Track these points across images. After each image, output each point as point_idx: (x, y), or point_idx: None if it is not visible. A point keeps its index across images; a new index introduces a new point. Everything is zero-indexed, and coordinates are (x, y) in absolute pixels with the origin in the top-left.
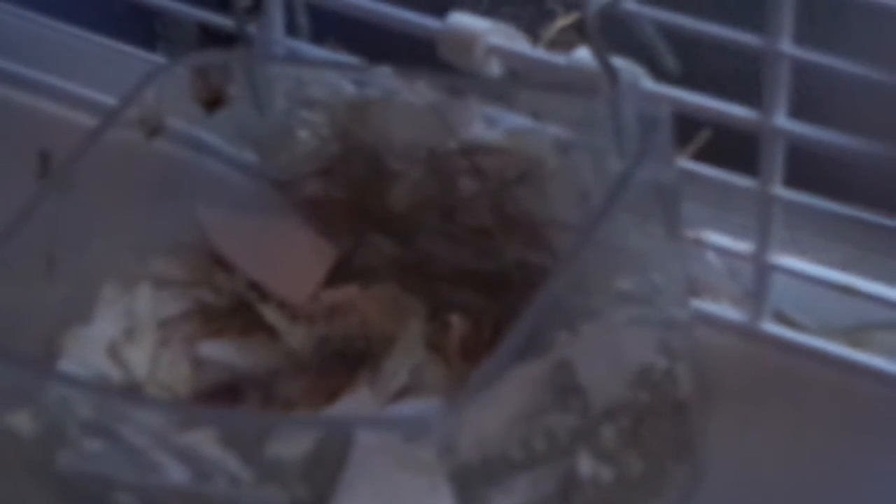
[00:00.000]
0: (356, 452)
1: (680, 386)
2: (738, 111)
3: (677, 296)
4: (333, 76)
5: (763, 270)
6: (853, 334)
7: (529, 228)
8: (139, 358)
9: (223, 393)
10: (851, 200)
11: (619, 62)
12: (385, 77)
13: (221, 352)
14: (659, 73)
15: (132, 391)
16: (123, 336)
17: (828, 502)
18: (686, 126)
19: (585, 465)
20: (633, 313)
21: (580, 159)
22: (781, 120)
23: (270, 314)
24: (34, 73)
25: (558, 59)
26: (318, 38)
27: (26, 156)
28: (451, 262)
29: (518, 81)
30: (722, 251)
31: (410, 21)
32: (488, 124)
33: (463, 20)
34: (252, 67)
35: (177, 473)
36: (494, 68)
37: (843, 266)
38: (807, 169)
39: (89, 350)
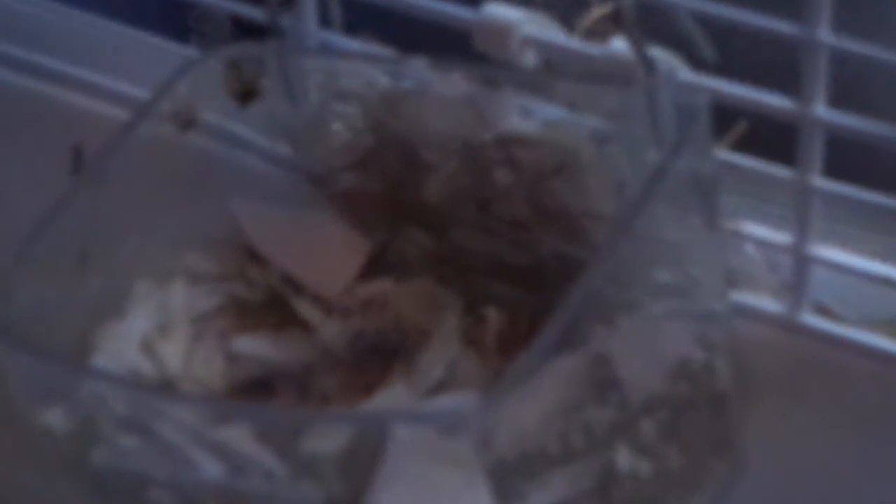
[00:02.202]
0: (392, 447)
1: (718, 379)
2: (776, 101)
3: (716, 288)
4: (367, 68)
5: (802, 262)
6: (893, 325)
7: (566, 220)
8: (173, 353)
9: (257, 388)
10: (891, 191)
11: (656, 52)
12: (419, 69)
13: (255, 346)
14: (696, 63)
15: (166, 387)
16: (157, 331)
17: (869, 496)
18: (724, 116)
19: (624, 459)
20: (671, 306)
21: (617, 150)
22: (820, 109)
23: (305, 308)
24: (66, 66)
25: (594, 49)
26: (351, 29)
27: (59, 151)
28: (487, 255)
29: (553, 72)
30: (761, 242)
31: (444, 12)
32: (524, 115)
33: (497, 10)
34: (285, 60)
35: (211, 469)
36: (529, 59)
37: (884, 257)
38: (846, 159)
39: (123, 346)
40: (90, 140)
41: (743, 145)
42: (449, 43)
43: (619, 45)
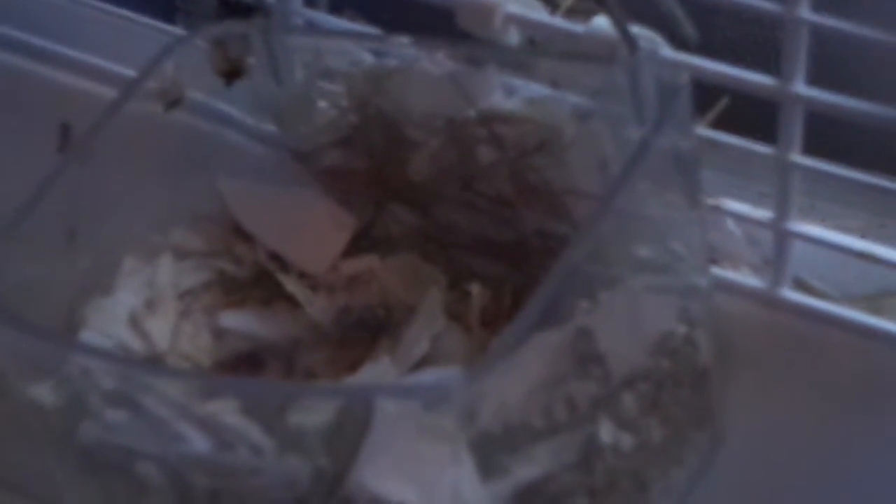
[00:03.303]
0: (377, 421)
1: (700, 353)
2: (756, 78)
3: (697, 263)
4: (352, 46)
5: (782, 238)
6: (873, 301)
7: (548, 197)
8: (160, 329)
9: (244, 363)
10: (871, 167)
11: (638, 30)
12: (403, 47)
13: (242, 322)
14: (677, 41)
15: (154, 362)
16: (145, 307)
17: (848, 467)
18: (704, 94)
19: (606, 432)
20: (653, 281)
21: (599, 128)
22: (800, 87)
23: (291, 284)
24: (54, 45)
25: (577, 27)
26: (336, 8)
27: (47, 129)
28: (471, 232)
29: (536, 50)
30: (741, 219)
31: None
32: (507, 93)
33: None
34: (270, 38)
35: (199, 443)
36: (513, 37)
37: (863, 233)
38: (825, 136)
39: (111, 321)
40: (78, 118)
41: (724, 122)
42: (432, 21)
43: (602, 23)
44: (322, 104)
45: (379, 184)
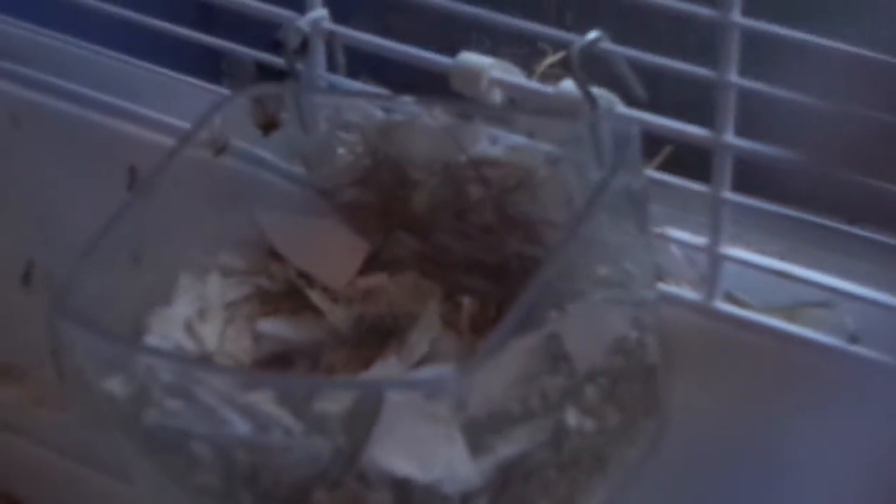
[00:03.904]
0: (386, 408)
1: (648, 354)
2: (694, 130)
3: (646, 280)
4: (365, 104)
5: (715, 259)
6: (789, 311)
7: (525, 226)
8: (210, 333)
9: (278, 361)
10: (787, 202)
11: (598, 91)
12: (408, 104)
13: (276, 328)
14: (630, 100)
15: (204, 360)
16: (197, 315)
17: (767, 448)
18: (652, 143)
19: (572, 418)
20: (610, 294)
21: (566, 170)
22: (730, 137)
23: (316, 297)
24: (125, 103)
25: (548, 89)
26: (353, 73)
27: (118, 170)
28: (463, 254)
29: (516, 107)
30: (682, 244)
31: (428, 59)
32: (492, 142)
33: (470, 58)
34: (300, 97)
35: (241, 427)
36: (496, 97)
37: (781, 255)
38: (751, 176)
39: (169, 327)
40: (143, 162)
41: (667, 166)
42: (431, 84)
43: (569, 85)
44: (341, 151)
45: (387, 215)
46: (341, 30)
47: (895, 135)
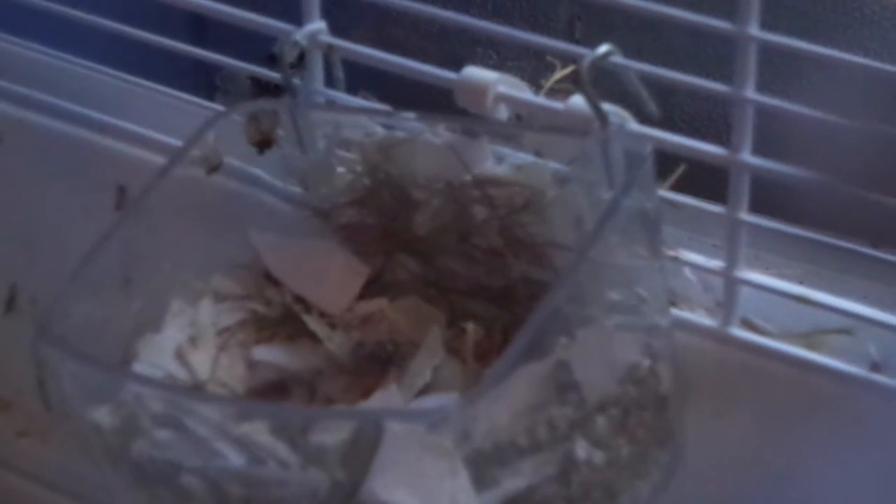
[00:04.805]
0: (386, 440)
1: (661, 382)
2: (709, 148)
3: (659, 305)
4: (365, 120)
5: (732, 284)
6: (808, 338)
7: (533, 249)
8: (202, 361)
9: (273, 390)
10: (807, 224)
11: (609, 107)
12: (409, 121)
13: (272, 355)
14: (642, 117)
15: (196, 389)
16: (188, 342)
17: (786, 481)
18: (665, 161)
19: (581, 450)
20: (622, 321)
21: (576, 190)
22: (747, 156)
23: (313, 323)
24: (114, 119)
25: (557, 105)
26: (352, 88)
27: (106, 190)
28: (467, 278)
29: (522, 124)
30: (696, 267)
31: (431, 73)
32: (497, 160)
33: (475, 72)
34: (296, 114)
35: (234, 458)
36: (502, 113)
37: (800, 280)
38: (769, 196)
39: (159, 354)
40: (132, 181)
41: (682, 185)
42: (434, 99)
43: (578, 101)
44: (340, 169)
45: (388, 237)
46: (340, 43)
47: None
